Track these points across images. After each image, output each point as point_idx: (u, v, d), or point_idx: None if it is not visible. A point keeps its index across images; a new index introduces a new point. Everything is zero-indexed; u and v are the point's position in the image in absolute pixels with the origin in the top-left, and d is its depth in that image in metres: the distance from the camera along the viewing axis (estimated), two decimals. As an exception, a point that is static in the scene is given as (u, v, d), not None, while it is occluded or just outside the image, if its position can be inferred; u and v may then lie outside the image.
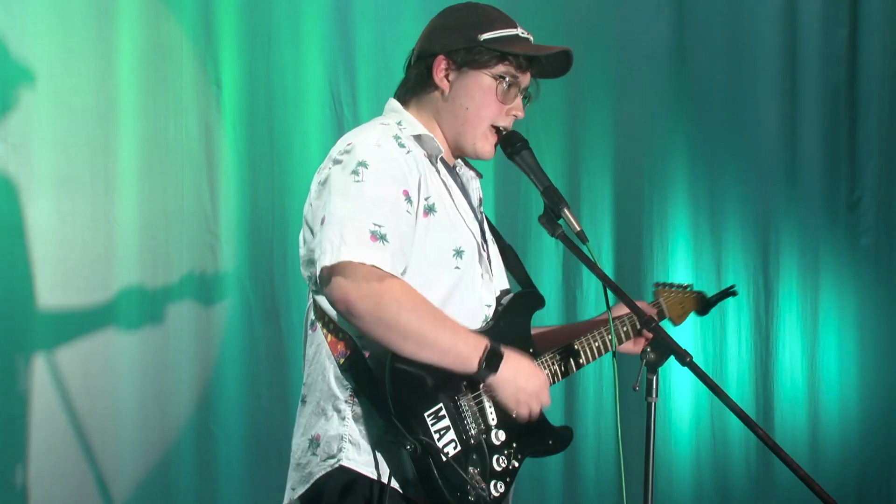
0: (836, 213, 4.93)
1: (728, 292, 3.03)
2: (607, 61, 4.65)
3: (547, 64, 2.54)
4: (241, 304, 4.01)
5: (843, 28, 4.91)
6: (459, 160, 2.64)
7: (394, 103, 2.56)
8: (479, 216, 2.63)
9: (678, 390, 4.72)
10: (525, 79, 2.52)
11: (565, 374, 2.60)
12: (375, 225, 2.30)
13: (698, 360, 2.36)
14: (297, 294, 3.94)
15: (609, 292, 2.52)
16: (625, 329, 2.72)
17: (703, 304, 3.01)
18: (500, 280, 2.61)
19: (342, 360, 2.40)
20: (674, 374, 4.68)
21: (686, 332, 4.71)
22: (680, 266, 4.73)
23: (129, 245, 3.84)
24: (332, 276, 2.29)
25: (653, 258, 4.71)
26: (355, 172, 2.34)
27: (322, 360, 2.44)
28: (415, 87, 2.51)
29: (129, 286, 3.85)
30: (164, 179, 3.89)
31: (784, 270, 4.87)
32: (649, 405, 2.38)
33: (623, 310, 2.71)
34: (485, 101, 2.48)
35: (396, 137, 2.43)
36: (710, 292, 3.00)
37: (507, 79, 2.49)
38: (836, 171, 4.94)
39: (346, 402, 2.41)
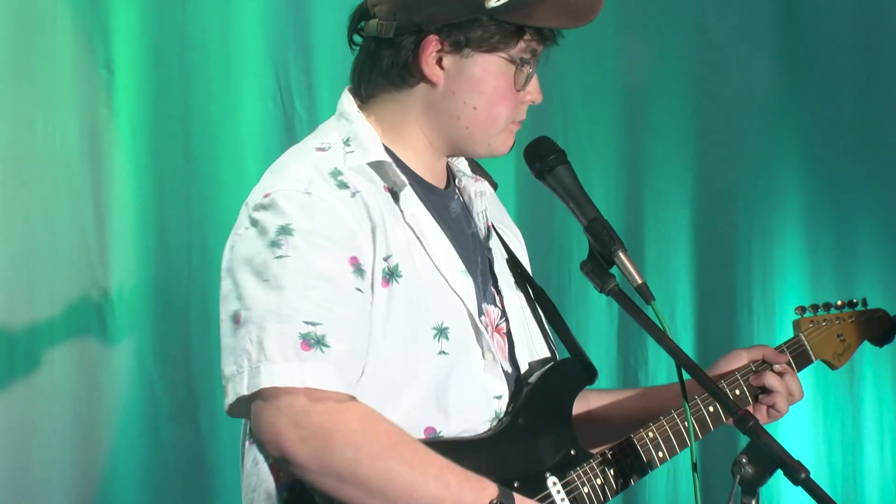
0: None
1: None
2: (687, 39, 4.72)
3: None
4: (141, 394, 3.95)
5: None
6: (460, 166, 2.69)
7: (346, 103, 2.58)
8: (487, 256, 2.66)
9: (790, 520, 4.82)
10: (541, 48, 2.54)
11: (623, 486, 2.64)
12: (309, 324, 2.33)
13: (820, 475, 2.36)
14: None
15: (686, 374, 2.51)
16: (738, 392, 2.79)
17: (887, 327, 3.05)
18: (532, 345, 2.67)
19: (286, 494, 2.43)
20: (784, 495, 4.61)
21: (800, 433, 4.70)
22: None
23: (-28, 304, 3.85)
24: (255, 409, 2.34)
25: (752, 323, 4.74)
26: (275, 244, 2.37)
27: (261, 489, 2.48)
28: (387, 77, 2.53)
29: (-25, 364, 3.84)
30: (27, 206, 3.82)
31: (947, 341, 4.87)
32: (747, 542, 2.40)
33: (735, 361, 2.82)
34: (499, 95, 2.52)
35: (335, 174, 2.46)
36: (841, 385, 2.95)
37: (529, 59, 2.52)
38: None
39: None
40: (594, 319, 4.52)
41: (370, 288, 2.42)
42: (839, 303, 2.99)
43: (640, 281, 2.47)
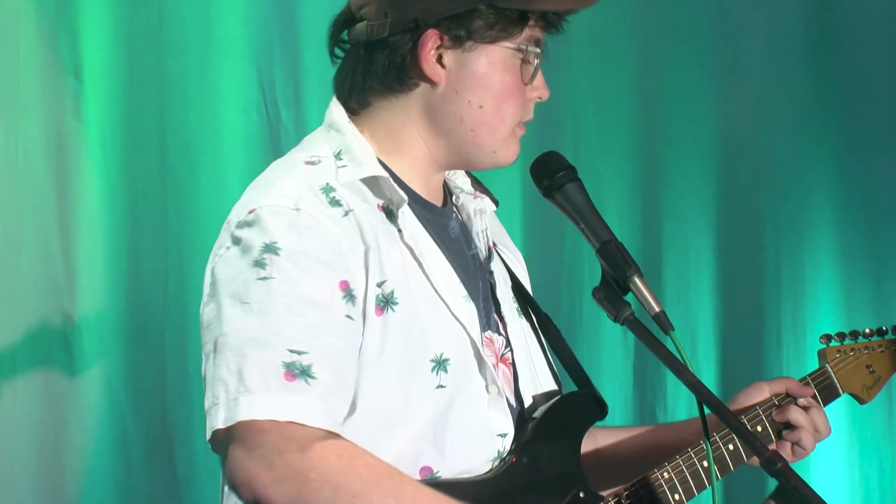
0: None
1: None
2: (708, 44, 4.75)
3: None
4: (111, 430, 3.95)
5: None
6: (458, 182, 2.69)
7: (336, 113, 2.58)
8: (488, 279, 2.65)
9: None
10: (545, 36, 2.56)
11: None
12: (293, 352, 2.32)
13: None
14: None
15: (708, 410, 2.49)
16: (760, 428, 2.80)
17: None
18: (536, 377, 2.66)
19: None
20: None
21: (834, 475, 4.68)
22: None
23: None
24: (229, 445, 2.33)
25: (781, 354, 4.74)
26: (259, 264, 2.36)
27: None
28: (383, 81, 2.53)
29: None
30: (-13, 227, 3.90)
31: None
32: None
33: (756, 395, 2.84)
34: (506, 90, 2.51)
35: (327, 190, 2.46)
36: (879, 422, 2.93)
37: (535, 49, 2.51)
38: None
39: None
40: (608, 351, 4.52)
41: (362, 316, 2.41)
42: (867, 330, 2.99)
43: (657, 309, 2.45)
